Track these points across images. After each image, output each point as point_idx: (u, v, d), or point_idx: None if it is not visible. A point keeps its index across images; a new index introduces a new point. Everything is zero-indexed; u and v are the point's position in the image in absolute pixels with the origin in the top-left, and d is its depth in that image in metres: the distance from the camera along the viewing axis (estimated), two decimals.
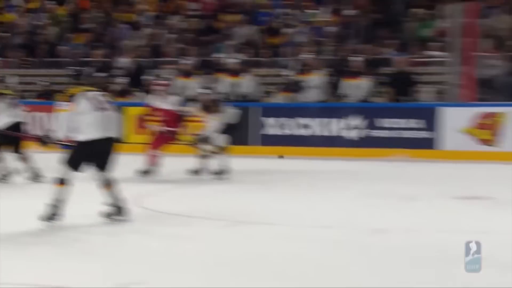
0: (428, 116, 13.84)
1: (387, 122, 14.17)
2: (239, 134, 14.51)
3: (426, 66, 15.47)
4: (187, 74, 15.95)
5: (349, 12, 17.38)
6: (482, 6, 15.27)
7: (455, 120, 13.62)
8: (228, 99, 15.10)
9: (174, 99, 11.91)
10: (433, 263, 6.10)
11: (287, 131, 14.91)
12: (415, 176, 11.78)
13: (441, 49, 15.24)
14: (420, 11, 16.55)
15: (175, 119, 11.60)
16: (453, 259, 6.10)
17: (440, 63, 15.11)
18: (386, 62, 15.43)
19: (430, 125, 13.80)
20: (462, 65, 14.44)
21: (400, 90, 14.57)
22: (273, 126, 15.02)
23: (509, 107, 13.37)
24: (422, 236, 7.22)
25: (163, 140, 11.52)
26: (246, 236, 7.19)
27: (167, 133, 11.52)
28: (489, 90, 14.35)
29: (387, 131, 14.14)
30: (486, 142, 13.38)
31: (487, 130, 13.41)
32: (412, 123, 13.94)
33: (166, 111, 11.57)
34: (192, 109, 11.93)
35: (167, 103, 11.66)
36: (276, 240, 6.95)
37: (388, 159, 13.57)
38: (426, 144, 13.77)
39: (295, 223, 7.82)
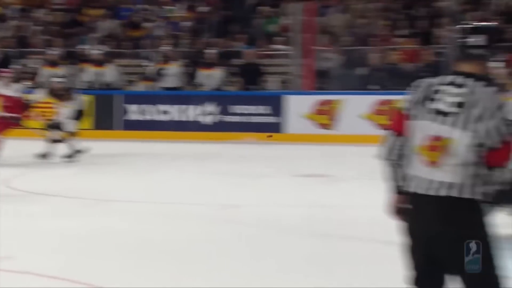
0: (274, 103, 14.14)
1: (238, 108, 14.39)
2: (104, 120, 14.41)
3: (272, 59, 15.73)
4: (53, 64, 15.60)
5: (202, 9, 17.48)
6: (319, 5, 15.69)
7: (298, 107, 13.95)
8: (93, 87, 14.96)
9: (17, 86, 11.44)
10: (278, 233, 6.32)
11: (148, 117, 14.89)
12: (263, 157, 11.98)
13: (285, 43, 15.53)
14: (266, 9, 16.81)
15: (19, 105, 11.12)
16: (296, 229, 6.45)
17: (284, 56, 15.41)
18: (236, 54, 15.60)
19: (276, 111, 14.09)
20: (303, 58, 14.80)
21: (250, 80, 14.81)
22: (135, 112, 14.95)
23: (343, 95, 13.76)
24: (269, 209, 7.44)
25: (5, 126, 10.96)
26: (108, 213, 7.16)
27: (10, 119, 11.00)
28: (326, 80, 14.83)
29: (238, 117, 14.35)
30: (324, 126, 13.72)
31: (325, 115, 13.76)
32: (261, 109, 14.20)
33: (8, 98, 11.06)
34: (39, 96, 11.69)
35: (10, 90, 11.15)
36: (139, 216, 6.99)
37: (239, 142, 13.73)
38: (273, 128, 14.04)
39: (155, 200, 7.86)
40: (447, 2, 14.94)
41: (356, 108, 13.56)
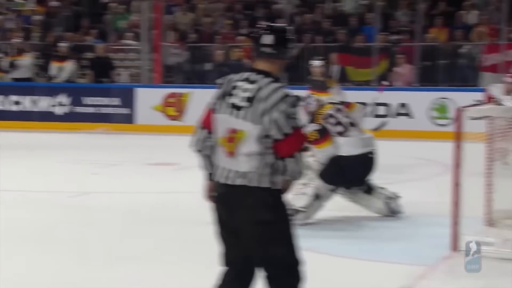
0: (125, 95, 14.13)
1: (90, 100, 14.28)
2: None
3: (123, 53, 15.65)
4: None
5: (53, 3, 17.13)
6: (166, 3, 15.79)
7: (148, 99, 14.01)
8: None
9: None
10: (130, 218, 6.48)
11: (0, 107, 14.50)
12: (115, 146, 11.94)
13: (135, 38, 15.52)
14: (116, 5, 16.70)
15: None
16: (146, 214, 6.63)
17: (135, 51, 15.39)
18: (88, 48, 15.45)
19: (127, 103, 14.09)
20: (152, 53, 14.89)
21: (101, 73, 14.72)
22: None
23: (190, 89, 13.91)
24: (121, 196, 7.55)
25: None
26: None
27: None
28: (174, 74, 15.01)
29: (91, 108, 14.25)
30: (172, 117, 13.82)
31: (173, 107, 13.88)
32: (112, 101, 14.16)
33: None
34: None
35: None
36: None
37: (91, 132, 13.60)
38: (124, 119, 14.02)
39: (5, 188, 7.68)
40: (283, 4, 15.53)
41: (203, 100, 13.66)
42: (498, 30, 13.52)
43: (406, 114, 12.92)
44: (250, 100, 3.19)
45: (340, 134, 6.39)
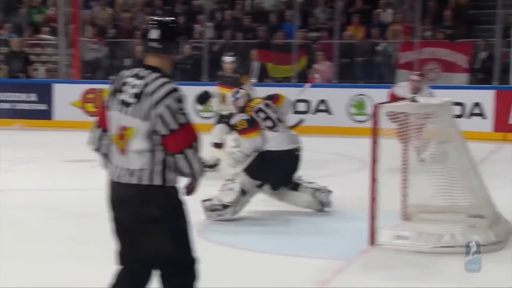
0: (42, 91, 13.85)
1: (5, 95, 13.92)
2: None
3: (40, 48, 15.29)
4: None
5: None
6: None
7: (66, 95, 13.78)
8: None
9: None
10: (47, 216, 6.33)
11: None
12: (32, 143, 11.72)
13: (52, 33, 15.20)
14: None
15: None
16: (64, 211, 6.51)
17: (52, 46, 15.07)
18: (2, 42, 15.02)
19: (44, 99, 13.81)
20: (70, 48, 14.62)
21: (16, 68, 14.37)
22: None
23: (109, 85, 13.77)
24: (38, 193, 7.41)
25: None
26: None
27: None
28: (93, 70, 14.78)
29: (6, 104, 13.90)
30: (91, 113, 13.46)
31: (92, 103, 13.67)
32: (28, 96, 13.85)
33: None
34: None
35: None
36: None
37: (7, 128, 13.20)
38: (41, 115, 13.76)
39: None
40: (203, 0, 15.46)
41: None
42: (412, 29, 13.86)
43: (325, 111, 13.10)
44: (137, 96, 3.16)
45: (269, 128, 6.40)
